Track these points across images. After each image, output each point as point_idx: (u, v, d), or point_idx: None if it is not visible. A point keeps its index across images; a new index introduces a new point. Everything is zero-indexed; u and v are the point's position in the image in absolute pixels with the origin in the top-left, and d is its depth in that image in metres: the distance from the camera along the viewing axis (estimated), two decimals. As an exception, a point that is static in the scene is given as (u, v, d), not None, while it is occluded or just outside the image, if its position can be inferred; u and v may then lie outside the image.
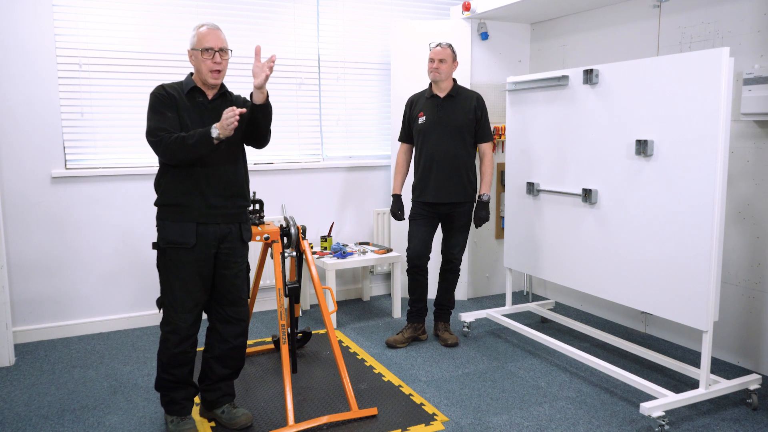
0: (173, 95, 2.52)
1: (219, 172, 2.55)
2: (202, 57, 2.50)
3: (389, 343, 3.75)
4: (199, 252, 2.52)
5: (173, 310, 2.55)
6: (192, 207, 2.50)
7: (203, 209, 2.51)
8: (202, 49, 2.51)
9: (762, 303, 3.30)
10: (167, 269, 2.54)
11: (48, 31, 3.76)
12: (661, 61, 2.91)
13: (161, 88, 2.55)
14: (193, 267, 2.52)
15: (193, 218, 2.51)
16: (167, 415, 2.69)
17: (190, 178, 2.50)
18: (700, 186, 2.73)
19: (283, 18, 4.44)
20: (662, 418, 2.66)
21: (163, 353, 2.59)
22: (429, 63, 3.60)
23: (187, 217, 2.50)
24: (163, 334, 2.59)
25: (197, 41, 2.53)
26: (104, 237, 4.02)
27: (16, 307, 3.84)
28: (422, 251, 3.69)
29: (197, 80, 2.58)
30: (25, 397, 3.10)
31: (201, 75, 2.54)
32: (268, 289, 4.51)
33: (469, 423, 2.81)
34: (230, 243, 2.61)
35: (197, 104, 2.56)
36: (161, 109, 2.48)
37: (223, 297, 2.64)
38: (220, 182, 2.55)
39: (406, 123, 3.79)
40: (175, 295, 2.54)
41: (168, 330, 2.57)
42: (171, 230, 2.50)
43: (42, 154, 3.82)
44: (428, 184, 3.63)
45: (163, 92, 2.53)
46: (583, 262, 3.41)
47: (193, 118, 2.53)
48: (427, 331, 3.93)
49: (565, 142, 3.50)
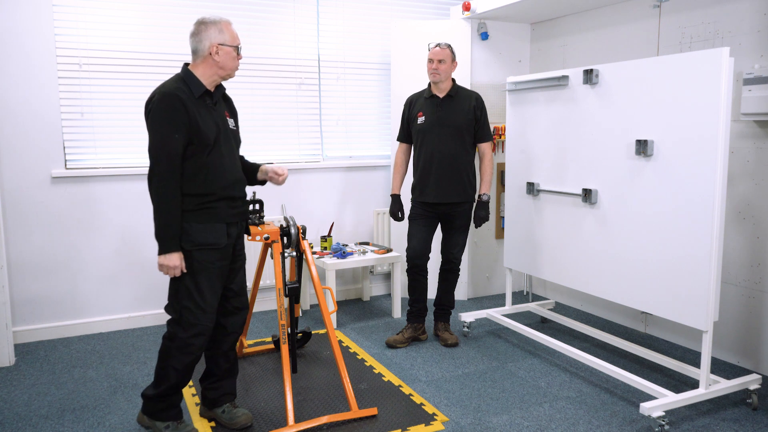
0: (186, 104, 2.37)
1: (236, 173, 2.56)
2: (237, 55, 2.48)
3: (389, 343, 3.75)
4: (225, 251, 2.53)
5: (202, 312, 2.48)
6: (220, 208, 2.48)
7: (229, 210, 2.52)
8: (236, 46, 2.47)
9: (762, 303, 3.30)
10: (195, 271, 2.45)
11: (48, 31, 3.76)
12: (661, 61, 2.91)
13: (176, 98, 2.35)
14: (219, 266, 2.51)
15: (222, 219, 2.49)
16: (159, 422, 2.59)
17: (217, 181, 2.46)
18: (700, 186, 2.73)
19: (283, 18, 4.44)
20: (662, 418, 2.66)
21: (183, 360, 2.50)
22: (428, 63, 3.59)
23: (215, 218, 2.47)
24: (182, 340, 2.48)
25: (231, 37, 2.45)
26: (104, 237, 4.02)
27: (16, 307, 3.84)
28: (422, 251, 3.69)
29: (204, 79, 2.45)
30: (25, 397, 3.10)
31: (225, 71, 2.47)
32: (268, 289, 4.51)
33: (469, 423, 2.81)
34: (240, 238, 2.66)
35: (207, 107, 2.47)
36: (172, 127, 2.34)
37: (232, 290, 2.66)
38: (237, 183, 2.57)
39: (405, 123, 3.79)
40: (204, 296, 2.48)
41: (193, 334, 2.48)
42: (199, 232, 2.44)
43: (42, 154, 3.82)
44: (428, 184, 3.63)
45: (179, 105, 2.35)
46: (583, 262, 3.41)
47: (207, 123, 2.43)
48: (427, 331, 3.93)
49: (565, 142, 3.50)
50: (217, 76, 2.47)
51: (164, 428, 2.58)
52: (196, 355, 2.52)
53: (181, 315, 2.49)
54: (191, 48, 2.47)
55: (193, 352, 2.51)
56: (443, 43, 3.61)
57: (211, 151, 2.44)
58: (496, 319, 3.95)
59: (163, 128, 2.34)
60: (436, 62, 3.56)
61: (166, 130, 2.34)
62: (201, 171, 2.42)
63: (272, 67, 4.43)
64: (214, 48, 2.42)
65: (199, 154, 2.41)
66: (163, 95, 2.36)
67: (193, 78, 2.44)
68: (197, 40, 2.44)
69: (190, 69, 2.47)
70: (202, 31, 2.43)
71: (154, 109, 2.36)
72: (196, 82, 2.43)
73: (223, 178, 2.47)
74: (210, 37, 2.42)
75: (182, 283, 2.47)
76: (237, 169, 2.57)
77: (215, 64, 2.44)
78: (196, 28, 2.45)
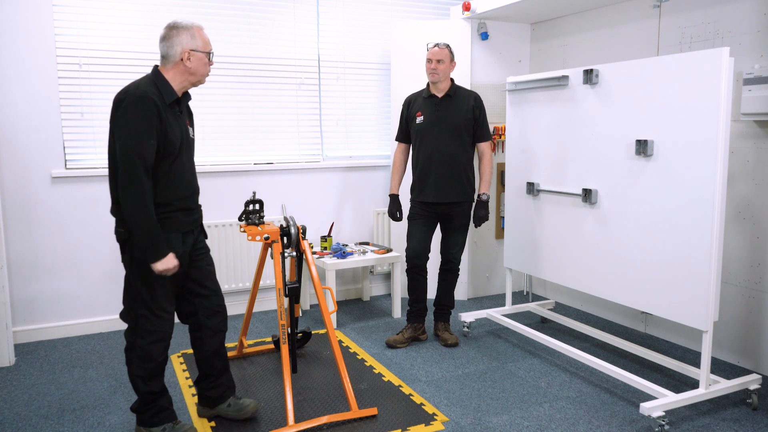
0: (160, 110, 2.31)
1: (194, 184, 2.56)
2: (209, 61, 2.45)
3: (389, 343, 3.75)
4: (181, 259, 2.46)
5: (158, 319, 2.46)
6: (176, 218, 2.45)
7: (184, 218, 2.49)
8: (209, 52, 2.45)
9: (762, 303, 3.30)
10: (149, 280, 2.41)
11: (48, 31, 3.76)
12: (661, 61, 2.91)
13: (153, 102, 2.28)
14: (173, 274, 2.44)
15: (178, 228, 2.46)
16: (154, 428, 2.56)
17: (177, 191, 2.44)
18: (700, 186, 2.73)
19: (283, 18, 4.44)
20: (662, 418, 2.66)
21: (144, 367, 2.48)
22: (427, 63, 3.59)
23: (172, 227, 2.43)
24: (142, 348, 2.46)
25: (203, 43, 2.42)
26: (104, 237, 4.02)
27: (16, 307, 3.84)
28: (421, 251, 3.69)
29: (175, 84, 2.40)
30: (25, 397, 3.10)
31: (196, 77, 2.43)
32: (268, 289, 4.51)
33: (469, 423, 2.81)
34: (199, 242, 2.63)
35: (174, 114, 2.41)
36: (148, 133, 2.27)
37: (206, 288, 2.64)
38: (195, 194, 2.56)
39: (404, 122, 3.79)
40: (159, 303, 2.45)
41: (151, 341, 2.46)
42: None
43: (42, 154, 3.82)
44: (427, 184, 3.63)
45: (155, 110, 2.28)
46: (583, 262, 3.41)
47: (174, 131, 2.38)
48: (427, 331, 3.93)
49: (565, 142, 3.50)
50: (187, 81, 2.43)
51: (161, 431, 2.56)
52: (158, 361, 2.50)
53: (137, 323, 2.47)
54: (161, 52, 2.41)
55: (155, 359, 2.49)
56: (442, 43, 3.61)
57: (175, 160, 2.40)
58: (496, 319, 3.95)
59: (140, 133, 2.26)
60: (434, 62, 3.56)
61: (142, 135, 2.27)
62: (162, 180, 2.37)
63: (272, 67, 4.43)
64: (185, 54, 2.37)
65: (163, 163, 2.36)
66: (139, 98, 2.27)
67: (165, 83, 2.38)
68: (168, 45, 2.38)
69: (161, 72, 2.41)
70: (173, 36, 2.38)
71: (129, 112, 2.27)
72: (168, 88, 2.38)
73: (182, 189, 2.45)
74: (182, 42, 2.37)
75: (136, 291, 2.43)
76: (195, 179, 2.56)
77: (186, 70, 2.40)
78: (167, 32, 2.39)
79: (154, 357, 2.48)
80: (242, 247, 4.37)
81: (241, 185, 4.34)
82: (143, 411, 2.56)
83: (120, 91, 2.33)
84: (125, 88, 2.33)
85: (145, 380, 2.51)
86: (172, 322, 2.54)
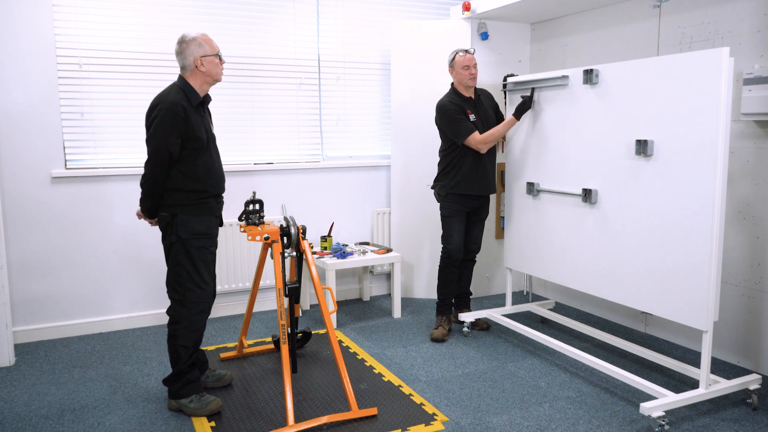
0: (188, 113, 2.70)
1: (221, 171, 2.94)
2: (219, 61, 2.80)
3: (437, 338, 3.88)
4: (215, 239, 2.93)
5: (202, 291, 2.83)
6: (210, 203, 2.85)
7: (216, 204, 2.90)
8: (217, 54, 2.79)
9: (762, 303, 3.30)
10: (193, 257, 2.79)
11: (48, 31, 3.76)
12: (661, 61, 2.91)
13: (181, 107, 2.68)
14: (212, 251, 2.89)
15: (212, 212, 2.87)
16: (184, 399, 2.86)
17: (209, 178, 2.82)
18: (700, 186, 2.73)
19: (283, 18, 4.44)
20: (662, 418, 2.66)
21: (191, 337, 2.84)
22: (464, 70, 3.76)
23: (208, 211, 2.83)
24: (188, 319, 2.82)
25: (210, 47, 2.77)
26: (104, 237, 4.02)
27: (16, 307, 3.84)
28: (463, 246, 3.96)
29: (198, 88, 2.78)
30: (25, 397, 3.10)
31: (212, 78, 2.79)
32: (268, 289, 4.51)
33: (469, 423, 2.81)
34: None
35: (200, 115, 2.80)
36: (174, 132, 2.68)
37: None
38: (223, 180, 2.95)
39: (466, 117, 3.79)
40: (203, 277, 2.84)
41: (197, 311, 2.83)
42: (196, 223, 2.78)
43: (42, 154, 3.82)
44: (478, 178, 3.84)
45: (183, 114, 2.68)
46: (583, 262, 3.41)
47: (200, 129, 2.76)
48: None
49: (565, 142, 3.50)
50: (206, 84, 2.81)
51: (189, 403, 2.86)
52: (201, 332, 2.88)
53: (185, 296, 2.81)
54: (179, 65, 2.78)
55: (199, 329, 2.87)
56: (471, 49, 3.92)
57: (204, 153, 2.79)
58: (496, 319, 3.95)
59: (167, 132, 2.68)
60: (472, 67, 3.77)
61: (169, 134, 2.68)
62: (197, 170, 2.77)
63: (272, 67, 4.43)
64: (198, 61, 2.74)
65: (194, 156, 2.76)
66: (170, 104, 2.67)
67: (190, 88, 2.77)
68: (182, 57, 2.76)
69: (186, 79, 2.78)
70: (184, 49, 2.75)
71: (162, 117, 2.66)
72: (193, 93, 2.77)
73: (213, 175, 2.84)
74: (192, 52, 2.74)
75: (183, 268, 2.80)
76: (221, 167, 2.94)
77: (203, 75, 2.77)
78: (179, 47, 2.76)
79: (198, 327, 2.87)
80: (242, 247, 4.37)
81: (241, 185, 4.33)
82: (175, 382, 2.89)
83: (155, 97, 2.75)
84: (159, 95, 2.75)
85: (189, 350, 2.85)
86: (213, 296, 2.93)
